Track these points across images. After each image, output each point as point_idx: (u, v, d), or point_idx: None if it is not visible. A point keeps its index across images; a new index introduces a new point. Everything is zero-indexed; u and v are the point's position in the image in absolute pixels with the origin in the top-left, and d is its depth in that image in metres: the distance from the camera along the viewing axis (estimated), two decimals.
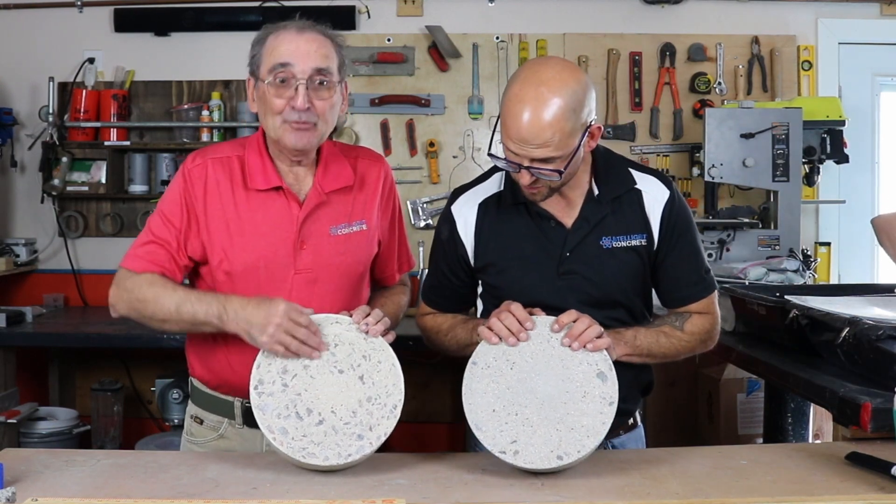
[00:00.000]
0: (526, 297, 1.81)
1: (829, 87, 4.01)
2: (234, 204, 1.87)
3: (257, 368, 1.68)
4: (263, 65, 1.83)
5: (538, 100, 1.65)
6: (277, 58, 1.80)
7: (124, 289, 1.86)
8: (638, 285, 1.90)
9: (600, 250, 1.84)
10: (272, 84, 1.80)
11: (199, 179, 1.88)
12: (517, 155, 1.70)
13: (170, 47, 4.09)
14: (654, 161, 4.02)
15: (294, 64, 1.79)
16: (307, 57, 1.79)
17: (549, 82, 1.66)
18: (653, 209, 1.86)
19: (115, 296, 1.88)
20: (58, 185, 3.92)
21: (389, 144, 4.04)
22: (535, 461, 1.58)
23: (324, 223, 1.90)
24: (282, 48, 1.80)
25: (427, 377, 3.95)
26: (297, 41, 1.81)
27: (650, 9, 4.05)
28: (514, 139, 1.68)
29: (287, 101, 1.80)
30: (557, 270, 1.85)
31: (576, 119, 1.68)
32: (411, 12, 4.03)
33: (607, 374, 1.66)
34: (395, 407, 1.67)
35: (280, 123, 1.82)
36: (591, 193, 1.85)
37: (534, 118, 1.65)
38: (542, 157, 1.68)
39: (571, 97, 1.67)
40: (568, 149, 1.69)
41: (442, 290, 2.01)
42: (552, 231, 1.85)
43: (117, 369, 4.00)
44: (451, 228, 1.93)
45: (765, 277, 3.18)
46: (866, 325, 1.91)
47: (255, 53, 1.86)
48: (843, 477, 1.57)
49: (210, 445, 1.97)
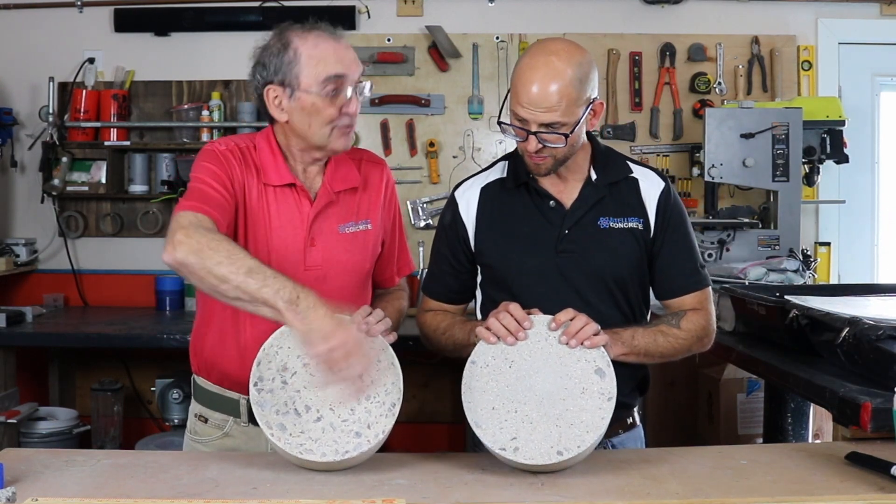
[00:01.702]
0: (524, 275, 1.88)
1: (829, 87, 4.01)
2: (256, 195, 1.87)
3: (257, 366, 1.69)
4: (306, 76, 1.81)
5: (548, 66, 1.76)
6: (329, 69, 1.81)
7: (195, 230, 1.66)
8: (634, 269, 1.92)
9: (598, 230, 1.90)
10: (322, 94, 1.81)
11: (235, 160, 1.86)
12: (525, 121, 1.79)
13: (170, 47, 4.09)
14: (654, 161, 4.02)
15: (347, 74, 1.83)
16: (353, 63, 1.85)
17: (559, 53, 1.78)
18: (649, 196, 1.93)
19: (181, 237, 1.64)
20: (58, 185, 3.92)
21: (389, 144, 4.04)
22: (536, 457, 1.58)
23: (332, 221, 1.92)
24: (329, 59, 1.81)
25: (427, 377, 3.96)
26: (338, 49, 1.84)
27: (650, 9, 4.05)
28: (523, 104, 1.78)
29: (338, 108, 1.83)
30: (556, 248, 1.89)
31: (581, 90, 1.78)
32: (411, 12, 4.03)
33: (605, 370, 1.67)
34: (393, 405, 1.67)
35: (331, 130, 1.84)
36: (589, 178, 1.93)
37: (544, 83, 1.76)
38: (549, 122, 1.78)
39: (578, 69, 1.78)
40: (573, 118, 1.79)
41: (442, 278, 2.03)
42: (551, 211, 1.91)
43: (117, 369, 4.00)
44: (453, 212, 1.99)
45: (765, 277, 3.18)
46: (866, 325, 1.90)
47: (281, 63, 1.81)
48: (843, 477, 1.57)
49: (215, 444, 1.97)
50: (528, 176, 1.93)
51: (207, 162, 1.84)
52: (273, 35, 1.87)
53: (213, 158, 1.85)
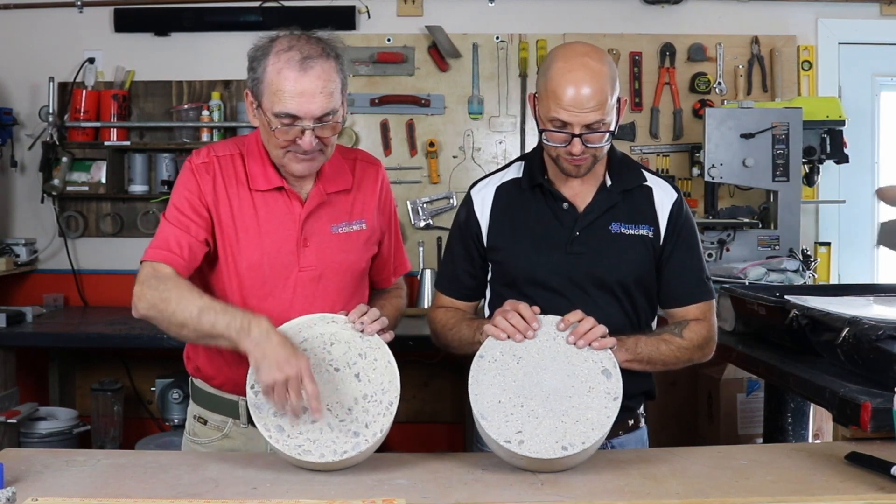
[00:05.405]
0: (533, 273, 1.91)
1: (829, 87, 4.01)
2: (239, 202, 1.88)
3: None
4: (265, 100, 1.78)
5: (586, 67, 1.80)
6: (282, 106, 1.74)
7: (148, 286, 1.78)
8: (642, 275, 1.94)
9: (609, 234, 1.92)
10: (276, 122, 1.77)
11: (209, 175, 1.88)
12: (569, 124, 1.81)
13: (170, 47, 4.09)
14: (653, 161, 4.02)
15: (301, 116, 1.75)
16: (312, 101, 1.74)
17: (590, 54, 1.83)
18: (662, 205, 1.96)
19: (138, 293, 1.79)
20: (58, 185, 3.92)
21: (389, 144, 4.04)
22: (540, 451, 1.59)
23: (325, 222, 1.92)
24: (285, 93, 1.73)
25: (427, 377, 3.96)
26: (302, 83, 1.73)
27: (650, 9, 4.05)
28: (567, 107, 1.79)
29: (293, 139, 1.78)
30: (566, 249, 1.91)
31: (614, 87, 1.83)
32: (411, 12, 4.02)
33: (612, 371, 1.69)
34: (390, 404, 1.67)
35: (284, 154, 1.82)
36: (604, 183, 1.95)
37: (585, 84, 1.79)
38: (593, 121, 1.80)
39: (609, 67, 1.83)
40: (611, 115, 1.83)
41: (455, 275, 2.05)
42: (564, 213, 1.94)
43: (117, 369, 4.00)
44: (468, 209, 2.02)
45: (765, 277, 3.19)
46: (866, 325, 1.91)
47: (255, 77, 1.79)
48: (843, 477, 1.57)
49: (214, 445, 1.97)
50: (543, 178, 1.96)
51: (182, 184, 1.89)
52: (264, 39, 1.83)
53: (187, 178, 1.89)
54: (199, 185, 1.87)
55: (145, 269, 1.82)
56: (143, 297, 1.78)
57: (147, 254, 1.84)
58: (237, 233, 1.87)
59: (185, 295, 1.75)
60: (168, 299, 1.75)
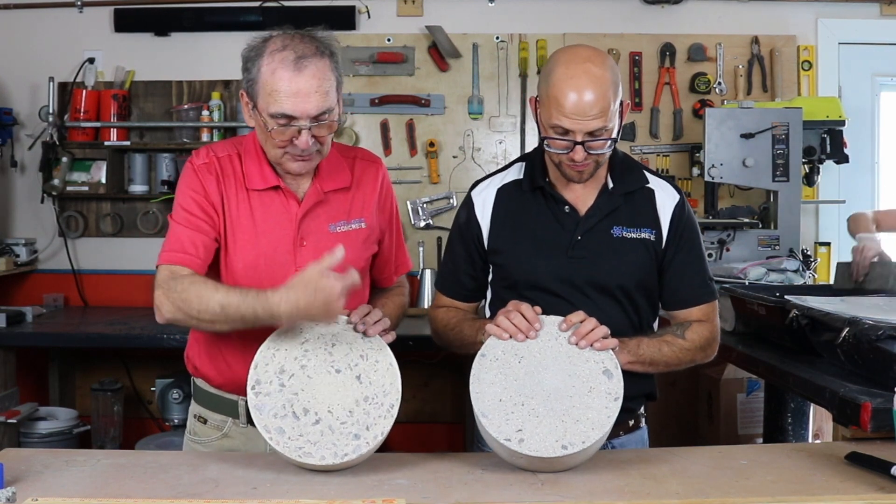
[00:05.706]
0: (534, 276, 1.90)
1: (829, 88, 4.01)
2: (237, 202, 1.88)
3: (255, 368, 1.68)
4: (260, 100, 1.77)
5: (588, 74, 1.77)
6: (277, 106, 1.73)
7: (167, 289, 1.77)
8: (644, 278, 1.94)
9: (610, 237, 1.91)
10: (272, 123, 1.76)
11: (211, 175, 1.88)
12: (571, 132, 1.79)
13: (170, 47, 4.09)
14: (653, 161, 4.02)
15: (296, 116, 1.74)
16: (308, 101, 1.73)
17: (592, 59, 1.80)
18: (664, 208, 1.94)
19: (159, 297, 1.77)
20: (58, 185, 3.92)
21: (389, 144, 4.04)
22: (540, 449, 1.59)
23: (323, 221, 1.91)
24: (280, 93, 1.73)
25: (427, 377, 3.95)
26: (297, 82, 1.73)
27: (650, 9, 4.05)
28: (569, 114, 1.77)
29: (289, 138, 1.78)
30: (567, 253, 1.90)
31: (616, 93, 1.81)
32: (411, 12, 4.03)
33: (613, 371, 1.69)
34: (392, 406, 1.67)
35: (281, 154, 1.82)
36: (605, 186, 1.94)
37: (587, 91, 1.76)
38: (596, 128, 1.78)
39: (611, 72, 1.80)
40: (613, 121, 1.81)
41: (455, 275, 2.04)
42: (566, 216, 1.92)
43: (117, 369, 4.00)
44: (469, 211, 2.01)
45: (765, 277, 3.19)
46: (866, 325, 1.91)
47: (250, 78, 1.79)
48: (843, 477, 1.57)
49: (214, 445, 1.97)
50: (544, 180, 1.94)
51: (186, 185, 1.89)
52: (257, 39, 1.82)
53: (191, 179, 1.89)
54: (204, 185, 1.87)
55: (162, 273, 1.80)
56: (166, 300, 1.76)
57: (162, 257, 1.83)
58: (234, 233, 1.88)
59: (203, 293, 1.73)
60: (189, 300, 1.74)
